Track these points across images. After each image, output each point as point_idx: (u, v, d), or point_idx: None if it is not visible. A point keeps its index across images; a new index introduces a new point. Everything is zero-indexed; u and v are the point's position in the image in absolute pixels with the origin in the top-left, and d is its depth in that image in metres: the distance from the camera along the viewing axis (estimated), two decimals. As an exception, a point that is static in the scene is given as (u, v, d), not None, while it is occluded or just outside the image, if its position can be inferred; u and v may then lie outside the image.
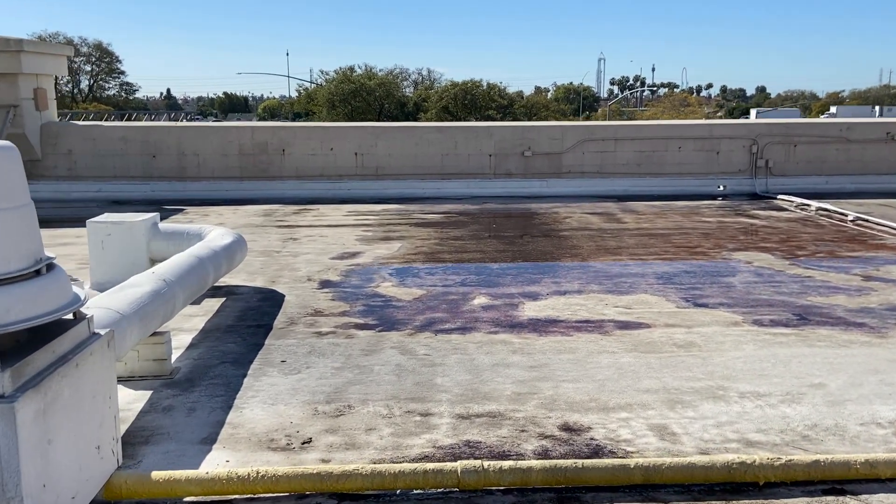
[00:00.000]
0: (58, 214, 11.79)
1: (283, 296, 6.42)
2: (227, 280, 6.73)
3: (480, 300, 6.26)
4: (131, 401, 4.13)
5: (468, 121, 52.47)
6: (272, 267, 7.56)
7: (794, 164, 13.47)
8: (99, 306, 3.84)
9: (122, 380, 4.41)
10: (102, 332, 3.04)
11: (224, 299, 6.30)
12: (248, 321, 5.68)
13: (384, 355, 4.87)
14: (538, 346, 5.03)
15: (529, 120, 55.49)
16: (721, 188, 13.25)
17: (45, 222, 11.05)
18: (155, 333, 4.43)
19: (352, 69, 59.51)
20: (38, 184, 12.81)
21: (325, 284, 6.83)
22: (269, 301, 6.26)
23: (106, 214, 6.81)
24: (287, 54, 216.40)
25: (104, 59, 68.49)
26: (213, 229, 6.65)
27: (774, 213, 11.14)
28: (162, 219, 11.16)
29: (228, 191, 12.92)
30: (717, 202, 12.28)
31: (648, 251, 8.31)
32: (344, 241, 9.04)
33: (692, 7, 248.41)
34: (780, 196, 12.54)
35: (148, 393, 4.25)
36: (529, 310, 5.96)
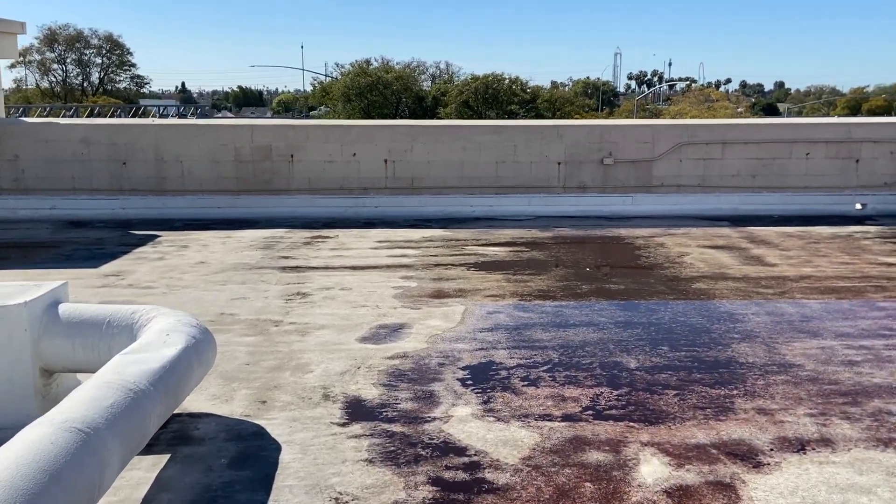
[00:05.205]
0: (-5, 240, 8.94)
1: (278, 448, 3.46)
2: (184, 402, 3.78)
3: (653, 468, 3.27)
4: None
5: (486, 117, 49.19)
6: (265, 361, 4.61)
7: (955, 175, 10.34)
8: None
9: None
10: None
11: (166, 460, 3.35)
12: (200, 543, 2.73)
13: None
14: None
15: (554, 116, 52.00)
16: (859, 207, 10.15)
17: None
18: None
19: (368, 62, 56.47)
20: (-24, 199, 9.97)
21: (352, 412, 3.87)
22: (249, 467, 3.30)
23: (-31, 287, 3.88)
24: (302, 47, 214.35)
25: (115, 52, 66.10)
26: (154, 316, 3.71)
27: (969, 247, 8.04)
28: (124, 252, 7.46)
29: (220, 208, 9.99)
30: (870, 228, 9.19)
31: (856, 326, 5.27)
32: (377, 297, 6.08)
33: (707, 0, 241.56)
34: (949, 219, 9.44)
35: None
36: (767, 505, 2.96)
